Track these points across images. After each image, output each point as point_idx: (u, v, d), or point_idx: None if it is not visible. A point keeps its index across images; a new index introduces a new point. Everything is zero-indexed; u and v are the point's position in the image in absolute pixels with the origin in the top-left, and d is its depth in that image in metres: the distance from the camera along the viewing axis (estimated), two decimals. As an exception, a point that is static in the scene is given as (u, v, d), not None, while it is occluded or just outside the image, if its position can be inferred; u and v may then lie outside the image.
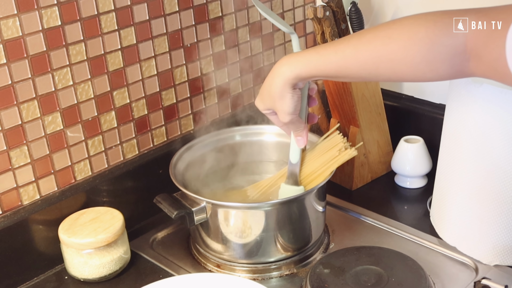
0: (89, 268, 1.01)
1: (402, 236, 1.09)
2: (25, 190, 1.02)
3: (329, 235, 1.11)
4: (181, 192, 1.01)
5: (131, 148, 1.15)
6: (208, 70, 1.23)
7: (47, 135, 1.02)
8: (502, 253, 0.99)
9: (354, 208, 1.18)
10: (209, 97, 1.25)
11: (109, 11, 1.04)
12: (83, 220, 1.03)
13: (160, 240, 1.13)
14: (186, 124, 1.22)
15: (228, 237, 1.01)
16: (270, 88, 0.88)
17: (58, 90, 1.02)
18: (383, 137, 1.26)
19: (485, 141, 0.94)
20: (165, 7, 1.12)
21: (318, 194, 1.03)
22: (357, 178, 1.24)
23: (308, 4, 1.39)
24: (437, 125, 1.10)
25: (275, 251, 1.02)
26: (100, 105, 1.08)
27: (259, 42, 1.31)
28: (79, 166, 1.08)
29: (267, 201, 1.02)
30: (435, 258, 1.04)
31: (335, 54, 0.81)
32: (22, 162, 1.00)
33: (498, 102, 0.91)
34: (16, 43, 0.95)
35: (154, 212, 1.12)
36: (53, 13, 0.97)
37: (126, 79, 1.10)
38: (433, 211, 1.11)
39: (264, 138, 1.17)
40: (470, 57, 0.72)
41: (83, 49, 1.03)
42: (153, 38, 1.12)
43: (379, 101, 1.23)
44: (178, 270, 1.04)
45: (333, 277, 0.94)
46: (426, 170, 1.22)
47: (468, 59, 0.73)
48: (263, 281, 1.01)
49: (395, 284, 0.92)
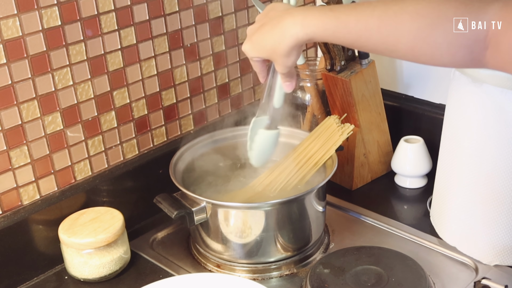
0: (89, 268, 1.01)
1: (402, 236, 1.09)
2: (25, 190, 1.02)
3: (329, 235, 1.11)
4: (181, 192, 1.01)
5: (131, 148, 1.15)
6: (208, 70, 1.23)
7: (47, 135, 1.02)
8: (502, 253, 0.99)
9: (354, 208, 1.18)
10: (209, 97, 1.25)
11: (109, 11, 1.04)
12: (83, 220, 1.03)
13: (160, 240, 1.13)
14: (186, 124, 1.22)
15: (228, 237, 1.01)
16: (275, 45, 0.82)
17: (58, 90, 1.02)
18: (383, 137, 1.26)
19: (485, 141, 0.94)
20: (165, 7, 1.12)
21: (318, 194, 1.03)
22: (357, 178, 1.24)
23: (308, 4, 1.39)
24: (437, 125, 1.10)
25: (275, 251, 1.02)
26: (100, 105, 1.08)
27: (259, 42, 1.31)
28: (79, 166, 1.08)
29: (267, 201, 1.02)
30: (435, 258, 1.04)
31: (357, 23, 0.76)
32: (22, 162, 1.00)
33: (498, 102, 0.91)
34: (16, 43, 0.95)
35: (154, 212, 1.12)
36: (53, 13, 0.97)
37: (126, 79, 1.10)
38: (433, 211, 1.11)
39: (264, 138, 1.16)
40: (488, 45, 0.71)
41: (83, 49, 1.03)
42: (153, 38, 1.12)
43: (379, 101, 1.23)
44: (178, 270, 1.04)
45: (333, 277, 0.94)
46: (426, 170, 1.22)
47: (487, 47, 0.72)
48: (263, 281, 1.01)
49: (395, 284, 0.92)
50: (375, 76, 1.21)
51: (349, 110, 1.20)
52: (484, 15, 0.71)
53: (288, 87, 0.91)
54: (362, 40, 0.77)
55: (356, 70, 1.18)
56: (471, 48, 0.72)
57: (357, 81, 1.18)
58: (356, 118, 1.20)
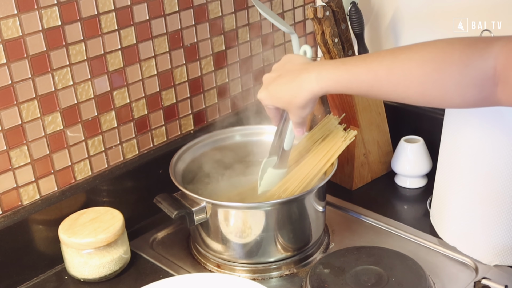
0: (89, 268, 1.01)
1: (402, 236, 1.09)
2: (25, 190, 1.02)
3: (329, 235, 1.11)
4: (181, 192, 1.01)
5: (131, 148, 1.15)
6: (208, 70, 1.23)
7: (47, 135, 1.02)
8: (502, 253, 0.99)
9: (354, 208, 1.18)
10: (209, 97, 1.25)
11: (109, 11, 1.04)
12: (83, 220, 1.03)
13: (160, 240, 1.13)
14: (186, 124, 1.22)
15: (228, 237, 1.01)
16: (291, 98, 0.88)
17: (58, 90, 1.02)
18: (383, 137, 1.26)
19: (485, 141, 0.94)
20: (165, 7, 1.12)
21: (318, 194, 1.03)
22: (357, 178, 1.24)
23: (308, 4, 1.39)
24: (437, 125, 1.10)
25: (275, 251, 1.02)
26: (100, 105, 1.08)
27: (259, 42, 1.31)
28: (79, 166, 1.08)
29: (267, 201, 1.02)
30: (435, 258, 1.04)
31: (367, 73, 0.80)
32: (22, 162, 1.00)
33: (498, 102, 0.91)
34: (16, 43, 0.95)
35: (154, 212, 1.12)
36: (53, 13, 0.97)
37: (126, 79, 1.10)
38: (433, 211, 1.11)
39: (264, 138, 1.16)
40: (498, 81, 0.73)
41: (83, 49, 1.03)
42: (153, 38, 1.12)
43: (379, 101, 1.23)
44: (178, 270, 1.04)
45: (333, 277, 0.94)
46: (426, 170, 1.22)
47: (496, 83, 0.73)
48: (263, 281, 1.01)
49: (395, 284, 0.92)
50: (375, 76, 1.21)
51: (349, 110, 1.20)
52: (489, 54, 0.73)
53: (299, 132, 0.96)
54: (374, 90, 0.81)
55: (356, 70, 1.18)
56: (481, 87, 0.74)
57: (357, 81, 1.18)
58: (356, 118, 1.20)
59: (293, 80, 0.87)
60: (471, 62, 0.73)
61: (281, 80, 0.89)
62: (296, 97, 0.87)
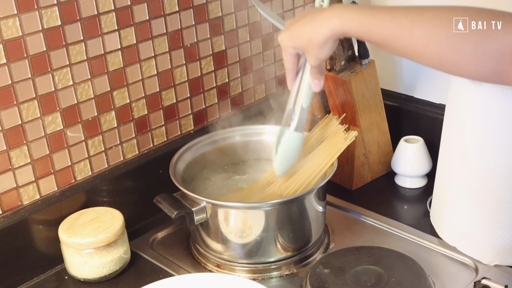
0: (89, 268, 1.01)
1: (402, 236, 1.09)
2: (25, 190, 1.02)
3: (329, 235, 1.11)
4: (181, 192, 1.01)
5: (131, 148, 1.15)
6: (208, 70, 1.23)
7: (47, 135, 1.02)
8: (502, 253, 0.99)
9: (354, 208, 1.18)
10: (209, 97, 1.25)
11: (109, 11, 1.04)
12: (83, 220, 1.03)
13: (160, 240, 1.13)
14: (186, 124, 1.22)
15: (228, 237, 1.01)
16: (311, 35, 0.85)
17: (58, 90, 1.02)
18: (383, 137, 1.26)
19: (485, 141, 0.94)
20: (165, 7, 1.12)
21: (318, 194, 1.03)
22: (357, 178, 1.24)
23: (308, 4, 1.39)
24: (437, 125, 1.10)
25: (275, 251, 1.02)
26: (100, 105, 1.08)
27: (259, 42, 1.31)
28: (79, 166, 1.08)
29: (267, 201, 1.02)
30: (435, 258, 1.04)
31: (390, 21, 0.79)
32: (22, 162, 1.00)
33: (497, 102, 0.91)
34: (16, 43, 0.95)
35: (154, 212, 1.12)
36: (53, 13, 0.97)
37: (126, 79, 1.10)
38: (433, 211, 1.11)
39: (264, 138, 1.17)
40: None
41: (83, 49, 1.03)
42: (153, 38, 1.12)
43: (379, 101, 1.23)
44: (178, 270, 1.04)
45: (333, 277, 0.94)
46: (426, 170, 1.22)
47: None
48: (263, 281, 1.01)
49: (395, 284, 0.92)
50: (375, 76, 1.21)
51: (349, 110, 1.20)
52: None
53: (316, 85, 0.94)
54: (393, 40, 0.79)
55: (356, 70, 1.18)
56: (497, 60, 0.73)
57: (357, 81, 1.18)
58: (356, 118, 1.20)
59: (315, 18, 0.86)
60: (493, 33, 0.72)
61: (303, 19, 0.87)
62: (316, 34, 0.85)
